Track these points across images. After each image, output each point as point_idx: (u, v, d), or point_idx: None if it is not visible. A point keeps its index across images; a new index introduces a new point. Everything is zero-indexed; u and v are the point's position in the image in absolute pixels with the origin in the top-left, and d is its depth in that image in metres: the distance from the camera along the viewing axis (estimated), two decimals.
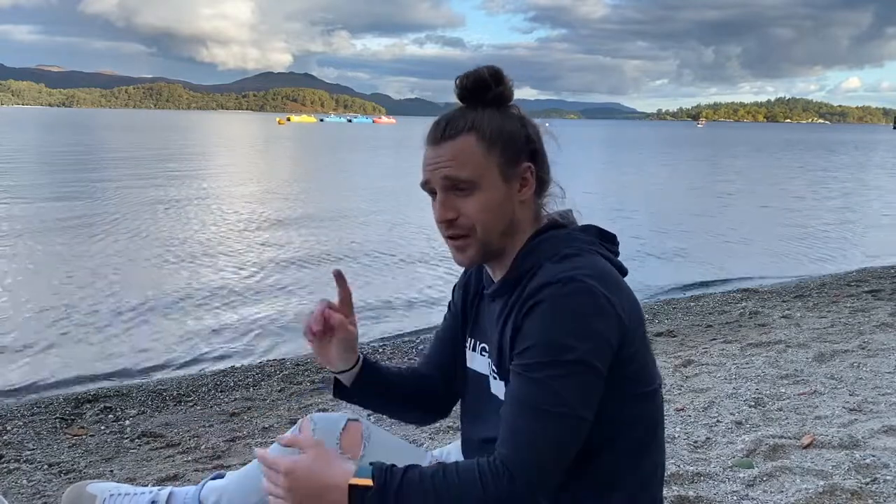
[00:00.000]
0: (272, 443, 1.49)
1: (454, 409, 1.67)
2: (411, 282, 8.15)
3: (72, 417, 4.04)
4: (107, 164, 24.90)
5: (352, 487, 1.22)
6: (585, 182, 19.64)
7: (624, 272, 1.42)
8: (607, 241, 1.45)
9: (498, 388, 1.42)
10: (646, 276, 8.57)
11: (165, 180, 19.25)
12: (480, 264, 1.49)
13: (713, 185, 22.23)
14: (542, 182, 1.44)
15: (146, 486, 2.73)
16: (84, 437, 3.73)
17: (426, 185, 1.42)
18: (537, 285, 1.30)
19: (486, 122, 1.38)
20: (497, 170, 1.38)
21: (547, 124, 1.47)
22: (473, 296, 1.58)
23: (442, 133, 1.39)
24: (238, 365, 5.24)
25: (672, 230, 12.58)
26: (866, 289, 7.09)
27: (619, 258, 1.46)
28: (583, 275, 1.29)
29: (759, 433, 3.03)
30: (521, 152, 1.40)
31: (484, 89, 1.40)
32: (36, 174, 20.18)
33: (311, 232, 11.56)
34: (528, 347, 1.28)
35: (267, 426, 3.74)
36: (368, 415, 2.32)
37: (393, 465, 1.26)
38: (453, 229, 1.40)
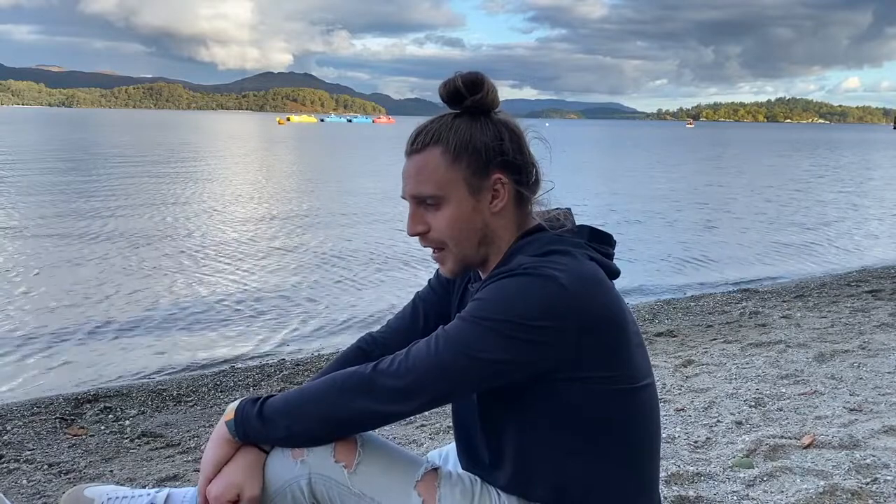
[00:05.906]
0: None
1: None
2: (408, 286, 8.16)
3: (72, 417, 4.03)
4: (109, 163, 24.89)
5: (228, 423, 1.38)
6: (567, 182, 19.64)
7: (614, 274, 1.39)
8: (599, 241, 1.41)
9: None
10: (646, 276, 8.57)
11: (167, 181, 19.26)
12: (466, 273, 1.49)
13: (701, 183, 22.24)
14: (522, 193, 1.40)
15: (146, 486, 2.74)
16: (84, 437, 3.73)
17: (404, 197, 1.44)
18: (505, 269, 1.32)
19: (453, 133, 1.36)
20: (463, 183, 1.36)
21: (547, 124, 1.44)
22: (457, 288, 1.59)
23: (411, 146, 1.40)
24: (238, 365, 5.24)
25: (662, 231, 12.59)
26: (866, 289, 7.10)
27: (615, 259, 1.44)
28: (550, 267, 1.28)
29: (760, 433, 3.03)
30: (490, 164, 1.36)
31: (459, 98, 1.37)
32: (39, 172, 20.18)
33: (312, 234, 11.56)
34: (474, 300, 1.31)
35: None
36: None
37: (263, 396, 1.41)
38: (426, 242, 1.42)
